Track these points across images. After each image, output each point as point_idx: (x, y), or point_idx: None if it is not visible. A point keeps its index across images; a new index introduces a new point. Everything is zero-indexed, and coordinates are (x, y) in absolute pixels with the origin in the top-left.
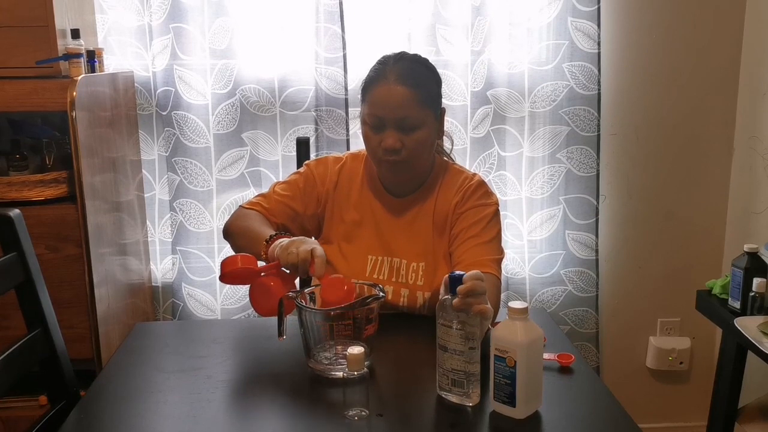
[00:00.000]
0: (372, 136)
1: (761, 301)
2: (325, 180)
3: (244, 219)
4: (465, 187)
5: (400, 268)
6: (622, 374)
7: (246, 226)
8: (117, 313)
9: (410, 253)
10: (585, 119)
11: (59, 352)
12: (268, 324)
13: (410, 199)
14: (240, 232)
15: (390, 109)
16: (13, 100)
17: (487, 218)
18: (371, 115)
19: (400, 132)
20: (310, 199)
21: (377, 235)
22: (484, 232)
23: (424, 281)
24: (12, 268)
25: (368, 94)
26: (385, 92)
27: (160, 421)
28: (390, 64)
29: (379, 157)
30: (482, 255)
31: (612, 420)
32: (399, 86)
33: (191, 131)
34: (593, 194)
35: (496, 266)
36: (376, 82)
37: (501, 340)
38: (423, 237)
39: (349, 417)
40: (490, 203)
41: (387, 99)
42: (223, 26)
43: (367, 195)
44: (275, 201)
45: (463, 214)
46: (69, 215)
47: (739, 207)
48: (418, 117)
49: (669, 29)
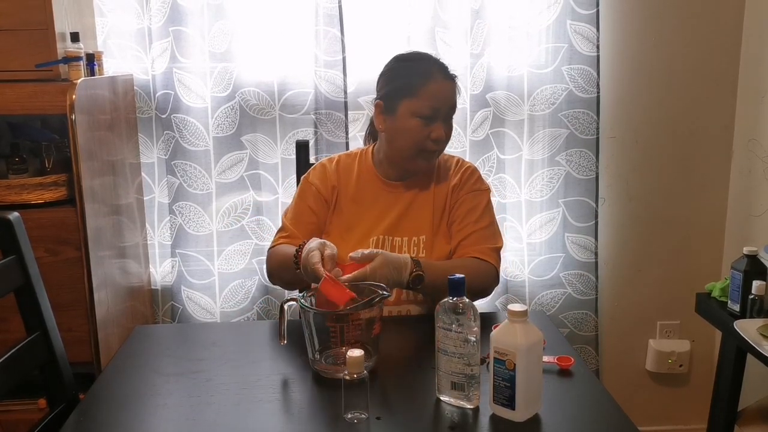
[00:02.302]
0: (421, 129)
1: (761, 304)
2: (325, 179)
3: (276, 256)
4: (462, 169)
5: (402, 245)
6: (621, 377)
7: (279, 261)
8: (116, 316)
9: (411, 230)
10: (584, 122)
11: (58, 356)
12: (267, 327)
13: (410, 183)
14: (278, 269)
15: (447, 101)
16: (12, 103)
17: (483, 204)
18: (429, 107)
19: (444, 123)
20: (320, 204)
21: (378, 219)
22: (481, 218)
23: (425, 252)
24: (11, 272)
25: (421, 89)
26: (441, 86)
27: (159, 424)
28: (430, 61)
29: (424, 147)
30: (481, 243)
31: (612, 423)
32: (448, 81)
33: (191, 134)
34: (593, 197)
35: (494, 255)
36: (429, 77)
37: (501, 343)
38: (423, 215)
39: (348, 420)
40: (484, 189)
41: (443, 92)
42: (223, 29)
43: (365, 186)
44: (293, 227)
45: (461, 198)
46: (68, 218)
47: (739, 210)
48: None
49: (668, 32)
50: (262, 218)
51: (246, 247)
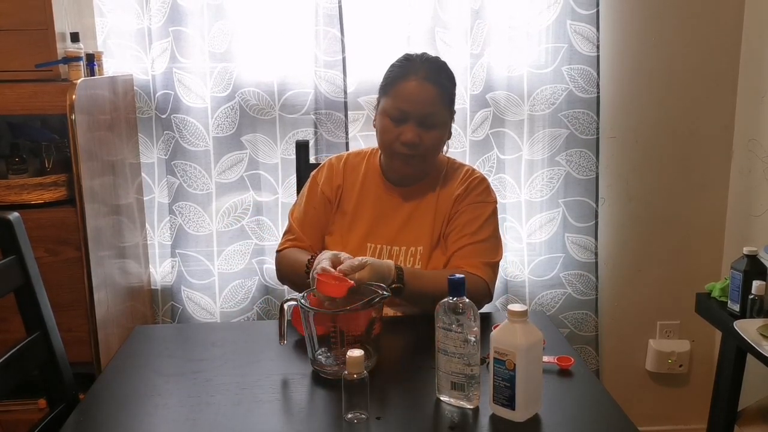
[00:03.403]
0: (391, 129)
1: (760, 304)
2: (331, 179)
3: (286, 261)
4: (469, 179)
5: (399, 255)
6: (621, 377)
7: (290, 266)
8: (116, 316)
9: (409, 240)
10: (584, 122)
11: (58, 356)
12: (267, 327)
13: (412, 190)
14: (290, 274)
15: (417, 104)
16: (12, 103)
17: (484, 216)
18: (396, 108)
19: (420, 128)
20: (326, 207)
21: (378, 224)
22: (480, 230)
23: (421, 263)
24: (11, 272)
25: (394, 88)
26: (414, 87)
27: (159, 425)
28: (417, 61)
29: (395, 149)
30: (475, 256)
31: (612, 423)
32: (428, 83)
33: (190, 134)
34: (593, 197)
35: (487, 269)
36: (405, 77)
37: (500, 343)
38: (423, 225)
39: (348, 420)
40: (489, 201)
41: (416, 94)
42: (223, 29)
43: (369, 187)
44: (299, 229)
45: (462, 208)
46: (68, 218)
47: (739, 210)
48: (440, 115)
49: (668, 32)
50: (262, 218)
51: (246, 247)
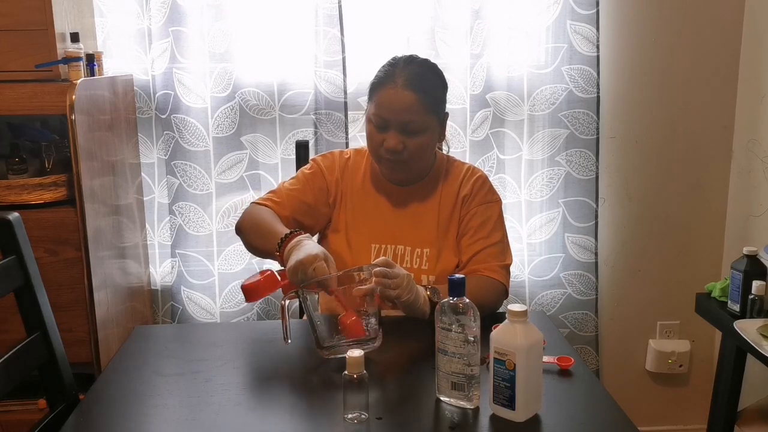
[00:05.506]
0: (375, 135)
1: (761, 304)
2: (332, 170)
3: (257, 215)
4: (473, 178)
5: (404, 254)
6: (621, 377)
7: (259, 223)
8: (116, 316)
9: (415, 240)
10: (584, 122)
11: (58, 356)
12: (267, 327)
13: (414, 189)
14: (253, 230)
15: (395, 112)
16: (12, 103)
17: (494, 218)
18: (376, 116)
19: (403, 134)
20: (319, 190)
21: (382, 224)
22: (493, 233)
23: (429, 266)
24: (11, 272)
25: (376, 95)
26: (392, 95)
27: (159, 425)
28: (400, 66)
29: (380, 155)
30: (491, 260)
31: (612, 423)
32: (406, 91)
33: (190, 134)
34: (592, 197)
35: (504, 272)
36: (384, 84)
37: (500, 343)
38: (428, 225)
39: (349, 420)
40: (495, 200)
41: (394, 102)
42: (223, 30)
43: (372, 186)
44: (286, 195)
45: (472, 210)
46: (68, 218)
47: (739, 210)
48: (422, 122)
49: (668, 32)
50: None
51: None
